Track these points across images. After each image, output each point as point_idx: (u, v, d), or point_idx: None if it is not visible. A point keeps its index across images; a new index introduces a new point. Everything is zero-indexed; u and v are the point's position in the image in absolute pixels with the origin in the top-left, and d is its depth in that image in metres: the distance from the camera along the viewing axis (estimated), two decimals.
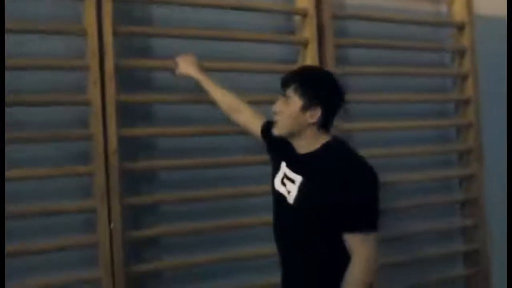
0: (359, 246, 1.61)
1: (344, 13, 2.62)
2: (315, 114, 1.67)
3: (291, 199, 1.70)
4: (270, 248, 1.82)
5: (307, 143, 1.71)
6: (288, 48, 2.50)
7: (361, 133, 2.62)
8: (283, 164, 1.77)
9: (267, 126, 1.90)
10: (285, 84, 1.69)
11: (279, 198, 1.75)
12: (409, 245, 2.70)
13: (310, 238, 1.68)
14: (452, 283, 2.84)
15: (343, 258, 1.63)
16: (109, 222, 2.00)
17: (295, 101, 1.66)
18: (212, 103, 2.06)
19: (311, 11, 2.42)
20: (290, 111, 1.67)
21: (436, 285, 2.75)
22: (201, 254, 2.23)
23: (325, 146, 1.70)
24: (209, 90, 2.05)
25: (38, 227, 1.97)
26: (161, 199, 2.21)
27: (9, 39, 1.84)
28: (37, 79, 2.00)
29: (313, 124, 1.69)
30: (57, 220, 2.02)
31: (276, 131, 1.73)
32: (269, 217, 1.81)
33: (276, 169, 1.80)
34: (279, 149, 1.81)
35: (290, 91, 1.67)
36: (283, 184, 1.74)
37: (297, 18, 2.50)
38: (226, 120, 2.28)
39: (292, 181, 1.71)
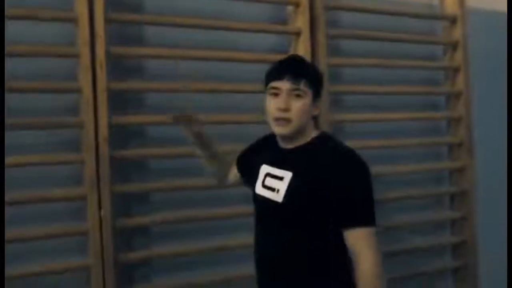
0: (363, 242, 1.52)
1: (336, 4, 2.61)
2: (319, 106, 1.66)
3: (280, 197, 1.60)
4: None
5: (300, 137, 1.64)
6: (280, 38, 2.50)
7: (351, 124, 2.62)
8: (264, 167, 1.70)
9: (239, 158, 1.89)
10: (297, 80, 1.58)
11: (263, 203, 1.66)
12: (398, 236, 2.72)
13: (302, 237, 1.58)
14: (440, 274, 2.86)
15: (336, 257, 1.58)
16: (99, 210, 2.00)
17: (308, 95, 1.60)
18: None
19: (304, 1, 2.41)
20: (305, 105, 1.59)
21: (425, 276, 2.77)
22: (191, 242, 2.24)
23: (315, 139, 1.64)
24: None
25: (28, 215, 1.97)
26: (151, 187, 2.21)
27: None
28: (27, 66, 1.99)
29: (313, 117, 1.65)
30: (47, 207, 2.02)
31: (287, 129, 1.60)
32: None
33: (255, 178, 1.71)
34: (253, 159, 1.77)
35: (303, 85, 1.58)
36: (266, 186, 1.66)
37: (289, 8, 2.49)
38: (218, 109, 2.29)
39: (280, 178, 1.62)
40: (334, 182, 1.53)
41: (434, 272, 2.82)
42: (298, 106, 1.59)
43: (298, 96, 1.59)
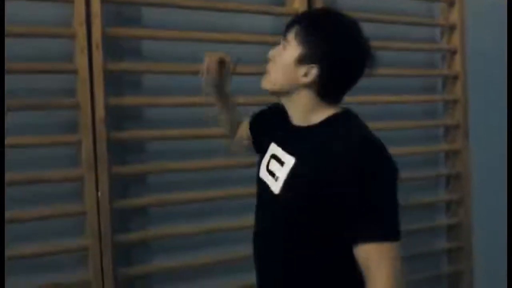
0: (378, 261, 1.16)
1: None
2: (310, 73, 1.26)
3: (277, 187, 1.28)
4: None
5: (303, 114, 1.31)
6: (277, 20, 2.48)
7: (347, 106, 2.61)
8: (272, 145, 1.38)
9: (255, 118, 1.63)
10: (287, 26, 1.30)
11: (263, 191, 1.36)
12: None
13: (300, 243, 1.26)
14: (435, 256, 2.89)
15: (345, 273, 1.24)
16: (97, 191, 2.00)
17: (292, 49, 1.26)
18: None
19: None
20: (283, 60, 1.28)
21: (419, 257, 2.79)
22: (189, 224, 2.24)
23: (328, 120, 1.30)
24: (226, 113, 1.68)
25: (24, 196, 1.96)
26: (149, 168, 2.21)
27: None
28: (23, 47, 1.97)
29: (308, 87, 1.28)
30: (44, 189, 2.01)
31: (264, 83, 1.34)
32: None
33: (264, 154, 1.42)
34: (267, 128, 1.46)
35: (290, 35, 1.27)
36: (269, 171, 1.35)
37: None
38: None
39: (281, 163, 1.30)
40: (346, 177, 1.17)
41: (429, 253, 2.84)
42: (276, 56, 1.30)
43: (284, 47, 1.29)
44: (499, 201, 2.72)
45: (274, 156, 1.36)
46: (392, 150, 2.62)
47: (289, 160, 1.29)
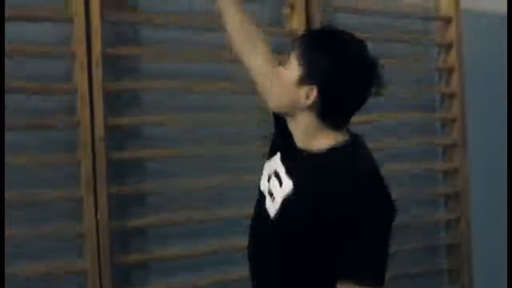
0: None
1: (332, 5, 2.61)
2: (310, 95, 1.22)
3: (272, 210, 1.27)
4: None
5: (305, 136, 1.27)
6: (275, 41, 2.48)
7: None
8: (277, 156, 1.34)
9: None
10: (291, 46, 1.29)
11: (260, 203, 1.33)
12: (392, 237, 2.72)
13: (294, 271, 1.25)
14: (435, 275, 2.87)
15: None
16: (96, 211, 1.99)
17: (293, 69, 1.23)
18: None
19: (300, 2, 2.40)
20: (284, 80, 1.25)
21: (419, 276, 2.78)
22: (189, 245, 2.22)
23: (332, 151, 1.26)
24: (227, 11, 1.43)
25: (22, 216, 1.94)
26: (149, 188, 2.19)
27: None
28: (22, 66, 1.96)
29: (310, 109, 1.24)
30: (43, 208, 1.99)
31: (270, 101, 1.31)
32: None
33: (270, 156, 1.37)
34: (284, 130, 1.34)
35: (292, 55, 1.25)
36: (269, 188, 1.32)
37: (285, 8, 2.48)
38: (215, 109, 2.28)
39: (280, 183, 1.28)
40: (342, 216, 1.17)
41: (429, 272, 2.82)
42: (282, 76, 1.27)
43: (286, 68, 1.27)
44: (498, 219, 2.72)
45: (275, 173, 1.32)
46: (391, 168, 2.66)
47: (288, 184, 1.26)
